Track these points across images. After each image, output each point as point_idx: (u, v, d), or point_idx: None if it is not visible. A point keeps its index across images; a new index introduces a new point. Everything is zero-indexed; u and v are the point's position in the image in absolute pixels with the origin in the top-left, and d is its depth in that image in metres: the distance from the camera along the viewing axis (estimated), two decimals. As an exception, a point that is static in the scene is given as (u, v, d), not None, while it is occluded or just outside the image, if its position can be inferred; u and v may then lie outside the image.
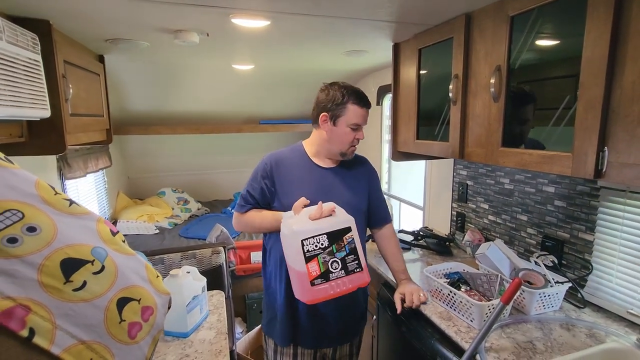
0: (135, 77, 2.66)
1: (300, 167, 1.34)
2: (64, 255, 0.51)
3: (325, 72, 2.76)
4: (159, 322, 0.63)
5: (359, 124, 1.28)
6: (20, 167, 0.55)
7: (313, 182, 1.32)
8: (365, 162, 1.44)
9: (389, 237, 1.43)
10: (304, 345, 1.35)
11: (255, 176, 1.35)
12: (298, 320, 1.32)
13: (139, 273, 0.61)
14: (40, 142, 1.40)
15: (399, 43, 1.81)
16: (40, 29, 1.32)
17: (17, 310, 0.44)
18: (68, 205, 0.57)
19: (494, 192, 1.77)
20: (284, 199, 1.33)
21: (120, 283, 0.56)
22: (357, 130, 1.29)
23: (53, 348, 0.46)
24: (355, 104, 1.25)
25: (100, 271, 0.54)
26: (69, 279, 0.50)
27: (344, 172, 1.36)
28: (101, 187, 3.04)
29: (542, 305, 1.27)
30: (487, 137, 1.28)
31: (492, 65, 1.23)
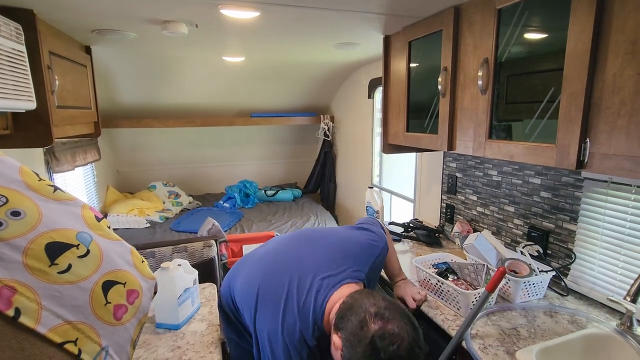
0: (125, 69, 2.62)
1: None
2: (49, 239, 0.51)
3: (317, 64, 2.75)
4: (145, 305, 0.64)
5: None
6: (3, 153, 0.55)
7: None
8: None
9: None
10: None
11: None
12: None
13: (124, 257, 0.62)
14: (26, 134, 1.38)
15: (390, 35, 1.82)
16: (24, 18, 1.29)
17: (4, 290, 0.45)
18: (52, 192, 0.58)
19: (483, 184, 1.80)
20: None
21: (105, 267, 0.57)
22: None
23: (39, 327, 0.47)
24: None
25: (85, 255, 0.55)
26: (54, 262, 0.51)
27: None
28: (90, 181, 3.01)
29: (527, 293, 1.30)
30: (475, 129, 1.30)
31: (480, 58, 1.25)
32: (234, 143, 3.99)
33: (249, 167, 4.06)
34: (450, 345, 1.07)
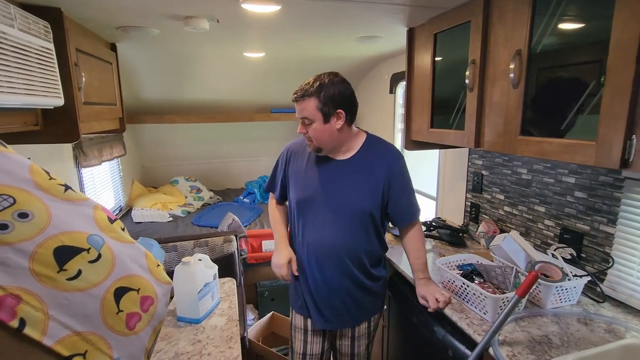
0: (148, 66, 2.67)
1: (311, 158, 1.33)
2: (58, 243, 0.48)
3: (338, 59, 2.71)
4: (160, 312, 0.60)
5: (298, 117, 1.25)
6: (13, 150, 0.52)
7: (318, 177, 1.30)
8: (386, 154, 1.31)
9: (414, 234, 1.34)
10: (296, 309, 1.43)
11: (276, 162, 1.45)
12: (296, 287, 1.40)
13: (138, 262, 0.59)
14: (55, 130, 1.42)
15: (414, 28, 1.76)
16: (52, 17, 1.32)
17: (7, 299, 0.42)
18: (63, 191, 0.55)
19: (511, 182, 1.72)
20: (291, 192, 1.36)
21: (117, 272, 0.54)
22: (300, 123, 1.26)
23: (45, 339, 0.44)
24: None
25: (96, 259, 0.52)
26: (62, 268, 0.48)
27: (356, 165, 1.29)
28: (116, 175, 3.10)
29: (558, 298, 1.23)
30: (505, 126, 1.23)
31: (511, 50, 1.18)
32: (255, 138, 4.01)
33: (269, 162, 4.05)
34: (476, 352, 1.03)
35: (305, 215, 1.31)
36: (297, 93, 1.21)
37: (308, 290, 1.35)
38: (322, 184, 1.28)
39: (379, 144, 1.35)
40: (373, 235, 1.31)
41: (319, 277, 1.31)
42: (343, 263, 1.28)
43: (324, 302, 1.33)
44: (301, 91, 1.20)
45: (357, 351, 1.42)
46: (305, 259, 1.33)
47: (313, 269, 1.31)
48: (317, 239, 1.29)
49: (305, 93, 1.19)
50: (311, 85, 1.19)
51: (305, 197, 1.30)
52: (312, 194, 1.28)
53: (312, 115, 1.20)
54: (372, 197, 1.27)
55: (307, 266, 1.33)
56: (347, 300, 1.33)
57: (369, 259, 1.32)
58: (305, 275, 1.34)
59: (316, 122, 1.20)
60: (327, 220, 1.28)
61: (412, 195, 1.36)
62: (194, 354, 1.16)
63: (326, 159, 1.31)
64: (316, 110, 1.19)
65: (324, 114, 1.19)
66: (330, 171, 1.29)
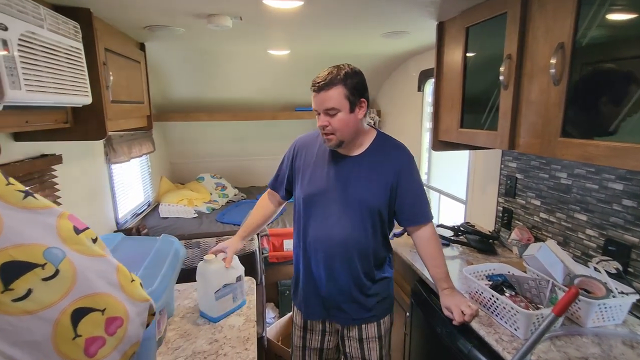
0: (176, 65, 2.72)
1: (320, 152, 1.31)
2: (7, 258, 0.42)
3: (363, 56, 2.64)
4: (132, 334, 0.53)
5: (315, 109, 1.20)
6: None
7: (327, 172, 1.27)
8: (397, 152, 1.27)
9: (427, 239, 1.27)
10: (297, 304, 1.43)
11: (283, 157, 1.43)
12: (300, 286, 1.38)
13: (107, 277, 0.52)
14: (84, 128, 1.46)
15: (444, 22, 1.66)
16: (81, 17, 1.35)
17: None
18: (22, 198, 0.48)
19: (548, 187, 1.60)
20: (298, 187, 1.34)
21: (78, 290, 0.47)
22: (318, 115, 1.19)
23: None
24: (311, 89, 1.19)
25: (52, 277, 0.45)
26: (8, 287, 0.41)
27: (367, 162, 1.25)
28: (145, 171, 3.19)
29: (601, 317, 1.12)
30: (544, 126, 1.13)
31: (553, 43, 1.07)
32: (279, 136, 4.00)
33: (292, 161, 4.06)
34: (505, 372, 0.95)
35: (313, 210, 1.29)
36: (320, 82, 1.14)
37: (312, 284, 1.33)
38: (332, 179, 1.26)
39: (389, 141, 1.30)
40: (379, 234, 1.28)
41: (324, 272, 1.29)
42: (351, 259, 1.26)
43: (328, 297, 1.31)
44: (324, 80, 1.14)
45: (368, 355, 1.36)
46: (313, 254, 1.30)
47: (319, 264, 1.29)
48: (326, 234, 1.27)
49: (332, 81, 1.14)
50: (336, 74, 1.14)
51: (313, 191, 1.28)
52: (322, 188, 1.26)
53: (339, 104, 1.15)
54: (381, 194, 1.24)
55: (313, 261, 1.31)
56: (352, 296, 1.30)
57: (374, 257, 1.29)
58: (311, 270, 1.32)
59: (342, 111, 1.16)
60: (336, 215, 1.25)
61: (421, 196, 1.29)
62: (210, 354, 1.16)
63: (336, 154, 1.28)
64: (344, 98, 1.15)
65: (350, 103, 1.16)
66: (341, 167, 1.26)
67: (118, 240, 1.40)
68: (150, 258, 1.27)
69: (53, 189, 1.62)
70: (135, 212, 2.80)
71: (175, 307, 1.47)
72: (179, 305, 1.48)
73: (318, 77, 1.17)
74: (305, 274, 1.34)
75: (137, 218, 2.77)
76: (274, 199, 1.49)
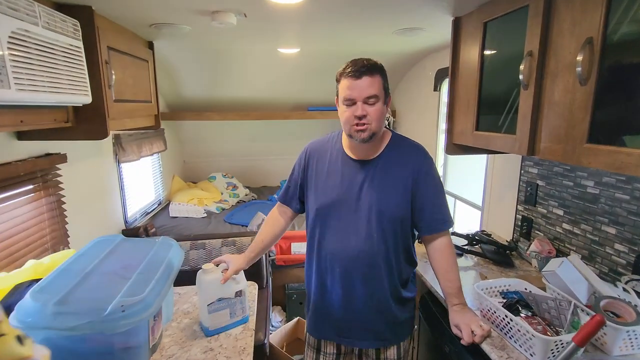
0: (187, 63, 2.71)
1: (333, 159, 1.20)
2: None
3: (377, 54, 2.52)
4: None
5: (350, 98, 1.05)
6: None
7: (341, 180, 1.16)
8: (413, 152, 1.16)
9: (442, 249, 1.16)
10: (309, 331, 1.32)
11: (294, 166, 1.32)
12: (312, 305, 1.28)
13: None
14: (86, 127, 1.44)
15: (460, 17, 1.56)
16: (83, 15, 1.33)
17: None
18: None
19: (572, 196, 1.47)
20: (310, 198, 1.23)
21: None
22: (351, 105, 1.06)
23: None
24: (345, 77, 1.06)
25: None
26: None
27: (382, 167, 1.15)
28: (157, 170, 3.20)
29: (630, 344, 1.00)
30: (568, 130, 1.02)
31: (580, 38, 0.96)
32: (291, 136, 3.97)
33: (305, 161, 4.00)
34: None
35: (328, 222, 1.19)
36: (363, 67, 1.03)
37: (326, 303, 1.23)
38: (346, 187, 1.15)
39: (405, 141, 1.20)
40: (402, 246, 1.17)
41: (341, 290, 1.19)
42: (373, 276, 1.15)
43: (344, 318, 1.21)
44: (367, 65, 1.04)
45: None
46: (328, 270, 1.20)
47: (335, 281, 1.19)
48: (342, 248, 1.16)
49: (374, 67, 1.05)
50: (374, 63, 1.07)
51: (327, 202, 1.18)
52: (336, 198, 1.16)
53: (379, 92, 1.06)
54: (400, 201, 1.13)
55: (328, 278, 1.21)
56: (372, 319, 1.19)
57: (398, 274, 1.18)
58: (325, 287, 1.22)
59: (380, 101, 1.07)
60: (353, 227, 1.15)
61: (441, 201, 1.17)
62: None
63: (350, 160, 1.18)
64: (382, 88, 1.07)
65: (385, 94, 1.09)
66: (356, 173, 1.16)
67: (116, 242, 1.37)
68: (145, 263, 1.23)
69: (57, 187, 1.62)
70: (145, 210, 2.81)
71: (174, 311, 1.43)
72: (177, 309, 1.44)
73: (354, 63, 1.06)
74: (319, 291, 1.24)
75: (146, 217, 2.78)
76: (284, 214, 1.35)
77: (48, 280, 1.05)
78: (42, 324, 0.92)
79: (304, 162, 1.27)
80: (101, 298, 1.00)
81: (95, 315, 0.95)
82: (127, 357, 1.07)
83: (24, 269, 1.18)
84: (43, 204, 1.51)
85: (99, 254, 1.25)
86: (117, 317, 0.96)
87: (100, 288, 1.07)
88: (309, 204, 1.24)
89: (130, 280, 1.11)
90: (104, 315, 0.95)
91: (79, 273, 1.12)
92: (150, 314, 1.04)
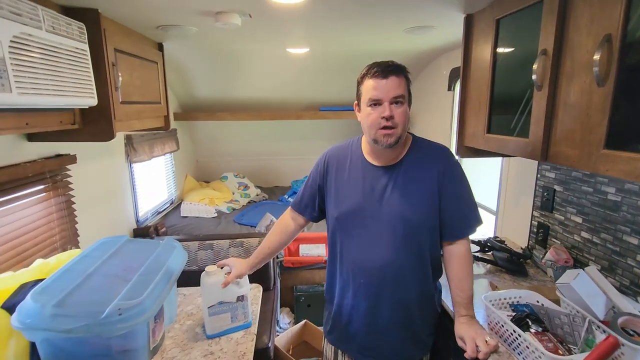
0: (198, 64, 2.72)
1: (353, 166, 1.15)
2: None
3: (388, 53, 2.48)
4: None
5: (377, 98, 1.00)
6: None
7: (363, 186, 1.11)
8: (439, 157, 1.09)
9: (459, 256, 1.09)
10: (330, 341, 1.28)
11: (310, 172, 1.27)
12: (333, 315, 1.23)
13: None
14: (93, 129, 1.46)
15: (472, 14, 1.49)
16: (89, 17, 1.35)
17: None
18: None
19: (592, 202, 1.38)
20: (331, 206, 1.18)
21: None
22: (378, 105, 1.01)
23: None
24: (370, 77, 1.01)
25: None
26: None
27: (405, 172, 1.08)
28: (170, 169, 3.25)
29: (651, 366, 0.92)
30: (584, 134, 0.95)
31: (598, 35, 0.89)
32: (303, 137, 3.95)
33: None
34: None
35: (349, 231, 1.13)
36: (390, 66, 1.00)
37: (347, 316, 1.18)
38: (369, 194, 1.10)
39: (427, 144, 1.14)
40: (429, 257, 1.11)
41: (365, 303, 1.13)
42: (400, 290, 1.10)
43: (367, 333, 1.15)
44: (391, 66, 1.01)
45: None
46: (350, 281, 1.14)
47: (359, 294, 1.13)
48: (366, 258, 1.10)
49: (399, 68, 1.02)
50: (398, 64, 1.03)
51: (348, 209, 1.12)
52: (356, 206, 1.10)
53: (406, 93, 1.02)
54: (424, 208, 1.07)
55: (350, 289, 1.15)
56: (396, 335, 1.14)
57: (427, 287, 1.13)
58: (347, 299, 1.17)
59: (406, 103, 1.03)
60: (376, 236, 1.09)
61: (468, 204, 1.10)
62: (203, 367, 1.10)
63: (370, 166, 1.12)
64: (407, 90, 1.03)
65: (409, 96, 1.05)
66: (376, 180, 1.10)
67: (121, 242, 1.38)
68: (146, 264, 1.23)
69: (67, 188, 1.65)
70: (157, 210, 2.85)
71: (178, 312, 1.43)
72: (182, 311, 1.45)
73: (378, 65, 1.02)
74: (340, 303, 1.18)
75: (158, 216, 2.82)
76: (295, 221, 1.30)
77: (50, 281, 1.06)
78: (41, 326, 0.93)
79: (323, 168, 1.22)
80: (100, 300, 1.01)
81: (92, 318, 0.95)
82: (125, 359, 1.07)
83: (30, 268, 1.20)
84: (52, 204, 1.54)
85: (103, 255, 1.26)
86: (114, 320, 0.96)
87: (100, 290, 1.07)
88: (329, 211, 1.19)
89: (130, 282, 1.11)
90: (100, 319, 0.95)
91: (81, 274, 1.13)
92: (147, 317, 1.03)
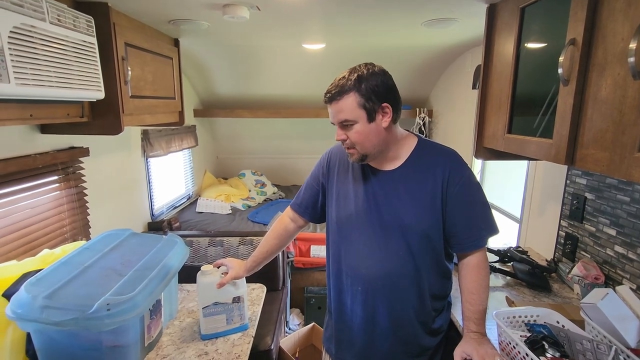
0: (217, 61, 2.73)
1: (355, 168, 1.09)
2: None
3: (408, 49, 2.38)
4: None
5: (333, 123, 1.02)
6: None
7: (364, 190, 1.05)
8: (444, 162, 1.01)
9: (473, 268, 1.02)
10: (327, 346, 1.23)
11: (312, 171, 1.23)
12: (333, 321, 1.19)
13: None
14: (102, 122, 1.47)
15: (495, 4, 1.37)
16: (98, 11, 1.35)
17: None
18: None
19: (628, 214, 1.23)
20: (332, 208, 1.13)
21: None
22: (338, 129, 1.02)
23: None
24: None
25: None
26: None
27: (408, 175, 1.03)
28: (188, 165, 3.29)
29: (692, 408, 0.79)
30: (616, 135, 0.83)
31: (635, 20, 0.77)
32: (320, 135, 3.89)
33: (335, 161, 3.91)
34: None
35: (348, 235, 1.08)
36: (330, 92, 0.97)
37: (345, 323, 1.13)
38: (365, 199, 1.05)
39: (433, 147, 1.05)
40: (433, 266, 1.04)
41: (362, 311, 1.07)
42: (400, 300, 1.04)
43: (368, 345, 1.09)
44: (336, 88, 0.96)
45: None
46: (348, 287, 1.10)
47: (356, 300, 1.08)
48: (363, 264, 1.06)
49: (342, 89, 0.95)
50: (347, 79, 0.95)
51: (346, 213, 1.08)
52: (354, 210, 1.06)
53: (353, 115, 0.96)
54: (425, 214, 1.00)
55: (348, 295, 1.10)
56: (398, 350, 1.07)
57: (432, 298, 1.06)
58: (344, 305, 1.12)
59: (359, 122, 0.96)
60: (374, 242, 1.04)
61: (478, 213, 1.02)
62: (197, 368, 1.07)
63: (370, 169, 1.06)
64: (358, 107, 0.95)
65: (367, 111, 0.95)
66: (376, 184, 1.05)
67: (124, 236, 1.38)
68: (144, 260, 1.22)
69: (79, 180, 1.68)
70: (173, 204, 2.89)
71: (179, 309, 1.42)
72: (183, 307, 1.43)
73: (330, 85, 0.99)
74: (338, 309, 1.14)
75: (174, 211, 2.85)
76: (295, 222, 1.26)
77: (46, 272, 1.07)
78: (31, 317, 0.93)
79: (326, 167, 1.18)
80: (91, 294, 0.99)
81: (80, 312, 0.94)
82: (115, 355, 1.06)
83: (34, 258, 1.22)
84: (63, 195, 1.57)
85: (104, 248, 1.26)
86: (102, 315, 0.95)
87: (94, 284, 1.06)
88: (329, 213, 1.15)
89: (125, 277, 1.10)
90: (88, 313, 0.94)
91: (78, 266, 1.13)
92: (137, 313, 1.01)
